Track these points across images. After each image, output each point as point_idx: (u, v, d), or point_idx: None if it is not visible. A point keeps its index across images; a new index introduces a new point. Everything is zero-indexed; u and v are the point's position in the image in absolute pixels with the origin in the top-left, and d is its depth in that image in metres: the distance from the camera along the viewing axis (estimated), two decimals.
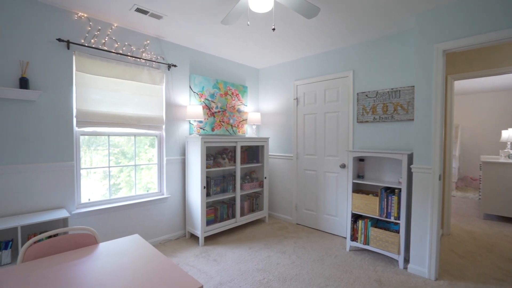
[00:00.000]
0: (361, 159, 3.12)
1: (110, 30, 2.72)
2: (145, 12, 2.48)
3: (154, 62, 3.07)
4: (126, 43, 2.84)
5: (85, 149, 2.68)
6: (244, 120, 4.16)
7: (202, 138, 3.06)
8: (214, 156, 3.59)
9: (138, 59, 2.94)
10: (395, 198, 2.65)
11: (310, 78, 3.74)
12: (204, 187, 3.11)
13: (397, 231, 2.72)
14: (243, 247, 3.07)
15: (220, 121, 3.80)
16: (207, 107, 3.64)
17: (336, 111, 3.47)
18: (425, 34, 2.43)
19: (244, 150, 3.89)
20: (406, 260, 2.72)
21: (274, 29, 1.92)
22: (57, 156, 2.43)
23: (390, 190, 2.81)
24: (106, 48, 2.69)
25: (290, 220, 4.00)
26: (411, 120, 2.80)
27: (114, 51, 2.72)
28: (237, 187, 3.53)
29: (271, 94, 4.28)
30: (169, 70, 3.22)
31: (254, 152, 4.03)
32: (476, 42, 2.17)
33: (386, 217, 2.72)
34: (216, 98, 3.74)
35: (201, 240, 3.10)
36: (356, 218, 3.01)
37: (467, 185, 6.83)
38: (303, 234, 3.49)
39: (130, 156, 3.02)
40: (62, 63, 2.43)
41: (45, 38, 2.33)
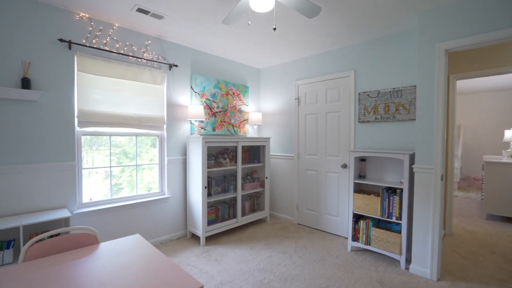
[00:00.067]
0: (362, 159, 3.11)
1: (112, 30, 2.73)
2: (146, 12, 2.48)
3: (155, 62, 3.07)
4: (127, 43, 2.84)
5: (87, 149, 2.68)
6: (245, 120, 4.16)
7: (203, 138, 3.06)
8: (215, 156, 3.59)
9: (140, 59, 2.94)
10: (397, 198, 2.64)
11: (312, 78, 3.73)
12: (205, 187, 3.11)
13: (398, 232, 2.71)
14: (244, 247, 3.07)
15: (221, 121, 3.80)
16: (208, 107, 3.64)
17: (337, 111, 3.46)
18: (426, 34, 2.42)
19: (245, 150, 3.89)
20: (408, 260, 2.71)
21: (275, 28, 1.92)
22: (58, 156, 2.43)
23: (392, 190, 2.80)
24: (107, 48, 2.70)
25: (291, 220, 3.99)
26: (413, 120, 2.78)
27: (115, 51, 2.73)
28: (238, 187, 3.53)
29: (272, 94, 4.27)
30: (170, 70, 3.22)
31: (255, 152, 4.02)
32: (478, 41, 2.16)
33: (388, 217, 2.71)
34: (217, 98, 3.74)
35: (202, 240, 3.10)
36: (357, 218, 3.00)
37: (470, 185, 6.79)
38: (304, 234, 3.49)
39: (132, 156, 3.03)
40: (64, 63, 2.44)
41: (46, 38, 2.34)
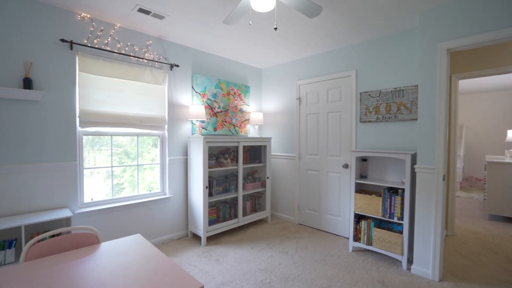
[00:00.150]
0: (364, 159, 3.10)
1: (113, 31, 2.73)
2: (147, 12, 2.49)
3: (156, 62, 3.08)
4: (128, 43, 2.85)
5: (88, 149, 2.69)
6: (246, 120, 4.15)
7: (205, 138, 3.06)
8: (217, 156, 3.59)
9: (141, 59, 2.95)
10: (399, 198, 2.63)
11: (313, 77, 3.72)
12: (206, 187, 3.11)
13: (400, 232, 2.70)
14: (245, 247, 3.06)
15: (222, 121, 3.80)
16: (210, 107, 3.64)
17: (338, 111, 3.45)
18: (428, 33, 2.41)
19: (246, 150, 3.89)
20: (410, 261, 2.70)
21: (276, 28, 1.91)
22: (60, 156, 2.44)
23: (393, 190, 2.79)
24: (109, 48, 2.70)
25: (293, 220, 3.99)
26: (415, 119, 2.77)
27: (117, 52, 2.73)
28: (239, 187, 3.53)
29: (274, 94, 4.27)
30: (171, 70, 3.23)
31: (256, 152, 4.02)
32: (481, 41, 2.15)
33: (389, 217, 2.69)
34: (218, 98, 3.74)
35: (203, 240, 3.10)
36: (359, 218, 2.99)
37: (472, 185, 6.76)
38: (306, 234, 3.48)
39: (133, 156, 3.03)
40: (65, 64, 2.45)
41: (48, 38, 2.35)
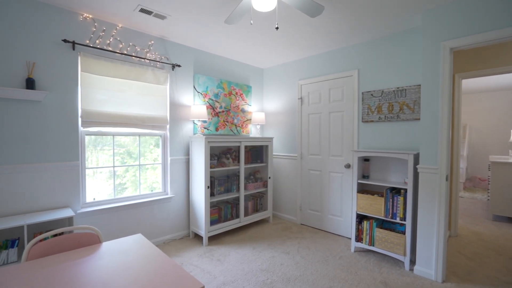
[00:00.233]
0: (366, 159, 3.08)
1: (115, 31, 2.74)
2: (149, 12, 2.49)
3: (158, 62, 3.08)
4: (130, 44, 2.86)
5: (91, 149, 2.70)
6: (248, 120, 4.15)
7: (206, 138, 3.06)
8: (218, 156, 3.59)
9: (143, 59, 2.95)
10: (401, 198, 2.61)
11: (315, 77, 3.71)
12: (208, 187, 3.11)
13: (402, 232, 2.68)
14: (247, 247, 3.06)
15: (224, 121, 3.80)
16: (211, 107, 3.64)
17: (340, 111, 3.44)
18: (431, 32, 2.39)
19: (248, 150, 3.88)
20: (412, 261, 2.68)
21: (277, 27, 1.91)
22: (62, 155, 2.45)
23: (396, 191, 2.77)
24: (111, 48, 2.71)
25: (294, 220, 3.98)
26: (417, 119, 2.75)
27: (118, 52, 2.74)
28: (241, 187, 3.53)
29: (276, 93, 4.26)
30: (173, 70, 3.23)
31: (258, 152, 4.02)
32: (484, 40, 2.13)
33: (392, 218, 2.68)
34: (220, 98, 3.74)
35: (205, 240, 3.10)
36: (361, 218, 2.98)
37: (475, 185, 6.71)
38: (307, 235, 3.47)
39: (136, 156, 3.04)
40: (68, 64, 2.46)
41: (51, 39, 2.36)
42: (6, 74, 2.15)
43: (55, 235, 2.11)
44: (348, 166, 3.34)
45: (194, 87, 3.46)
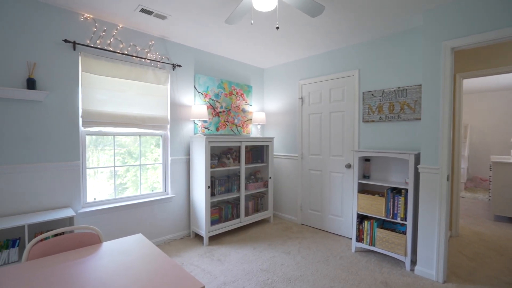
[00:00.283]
0: (367, 159, 3.08)
1: (116, 31, 2.74)
2: (149, 12, 2.49)
3: (159, 62, 3.09)
4: (131, 44, 2.86)
5: (92, 149, 2.71)
6: (248, 120, 4.15)
7: (207, 138, 3.06)
8: (219, 156, 3.59)
9: (143, 60, 2.96)
10: (402, 198, 2.61)
11: (315, 77, 3.71)
12: (208, 187, 3.11)
13: (403, 232, 2.67)
14: (248, 247, 3.06)
15: (224, 121, 3.80)
16: (212, 107, 3.64)
17: (341, 111, 3.43)
18: (432, 32, 2.38)
19: (248, 150, 3.88)
20: (413, 262, 2.67)
21: (278, 27, 1.90)
22: (63, 155, 2.45)
23: (397, 191, 2.77)
24: (111, 48, 2.71)
25: (295, 220, 3.97)
26: (418, 119, 2.75)
27: (119, 52, 2.75)
28: (241, 187, 3.53)
29: (276, 93, 4.26)
30: (174, 70, 3.23)
31: (258, 152, 4.01)
32: (484, 40, 2.12)
33: (393, 218, 2.67)
34: (220, 98, 3.74)
35: (205, 240, 3.10)
36: (361, 218, 2.97)
37: (477, 185, 6.69)
38: (308, 235, 3.47)
39: (137, 156, 3.04)
40: (68, 64, 2.46)
41: (51, 39, 2.37)
42: (7, 74, 2.15)
43: (56, 235, 2.11)
44: (348, 166, 3.33)
45: (195, 87, 3.46)
